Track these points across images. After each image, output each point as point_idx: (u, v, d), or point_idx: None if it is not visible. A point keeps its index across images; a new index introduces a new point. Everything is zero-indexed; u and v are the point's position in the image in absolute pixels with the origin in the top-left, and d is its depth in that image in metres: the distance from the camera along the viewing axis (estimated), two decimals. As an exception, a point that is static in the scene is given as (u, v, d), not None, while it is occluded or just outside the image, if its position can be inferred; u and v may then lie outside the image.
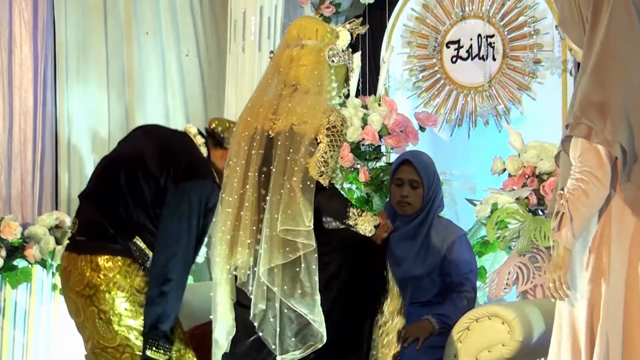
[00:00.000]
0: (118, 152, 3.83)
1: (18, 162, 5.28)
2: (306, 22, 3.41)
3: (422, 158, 4.16)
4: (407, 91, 5.40)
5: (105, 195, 3.61)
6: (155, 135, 3.82)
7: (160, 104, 5.77)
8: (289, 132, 3.20)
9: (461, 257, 3.99)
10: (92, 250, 3.55)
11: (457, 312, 3.84)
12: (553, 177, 4.43)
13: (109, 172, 3.68)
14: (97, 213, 3.60)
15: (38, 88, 5.37)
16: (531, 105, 5.08)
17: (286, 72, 3.30)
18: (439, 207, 4.12)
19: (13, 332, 4.95)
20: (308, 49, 3.32)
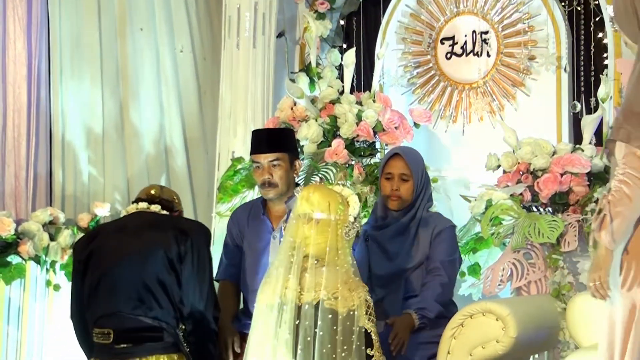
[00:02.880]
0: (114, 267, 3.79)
1: (12, 158, 5.27)
2: (317, 196, 3.45)
3: (411, 152, 4.20)
4: (401, 87, 5.40)
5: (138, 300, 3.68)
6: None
7: (155, 100, 5.76)
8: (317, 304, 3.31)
9: (443, 245, 4.02)
10: (139, 354, 3.65)
11: (434, 305, 3.85)
12: (547, 174, 4.44)
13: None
14: (136, 320, 3.67)
15: (32, 84, 5.36)
16: (525, 101, 5.08)
17: (303, 247, 3.39)
18: (428, 203, 4.14)
19: (7, 328, 4.94)
20: (323, 225, 3.40)
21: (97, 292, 3.76)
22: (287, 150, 4.25)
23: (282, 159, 4.20)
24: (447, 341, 3.79)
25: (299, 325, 3.32)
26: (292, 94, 5.07)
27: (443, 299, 3.91)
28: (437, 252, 4.01)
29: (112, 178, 5.61)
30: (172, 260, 3.70)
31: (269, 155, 4.20)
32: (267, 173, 4.19)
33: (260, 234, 4.28)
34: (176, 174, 5.74)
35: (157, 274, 3.68)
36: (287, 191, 4.24)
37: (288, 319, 3.33)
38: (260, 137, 4.30)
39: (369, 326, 3.34)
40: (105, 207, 5.27)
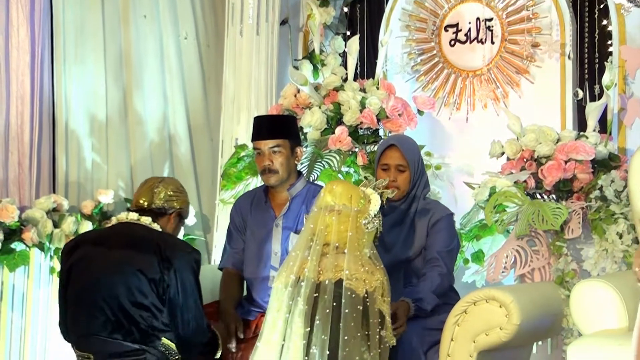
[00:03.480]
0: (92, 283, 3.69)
1: (15, 145, 5.27)
2: (340, 189, 3.61)
3: (407, 141, 4.17)
4: (405, 74, 5.39)
5: (116, 323, 3.59)
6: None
7: (158, 87, 5.75)
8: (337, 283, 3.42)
9: (441, 234, 4.00)
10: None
11: (432, 297, 3.83)
12: (551, 161, 4.43)
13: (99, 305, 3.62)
14: (116, 344, 3.59)
15: (35, 71, 5.35)
16: (529, 88, 5.07)
17: (324, 236, 3.52)
18: (425, 190, 4.12)
19: (11, 315, 4.95)
20: (344, 216, 3.54)
21: (76, 310, 3.68)
22: (288, 137, 4.24)
23: (283, 146, 4.20)
24: (450, 328, 3.79)
25: (317, 298, 3.41)
26: (295, 81, 5.07)
27: (441, 290, 3.90)
28: (434, 242, 3.99)
29: (116, 165, 5.61)
30: (154, 284, 3.60)
31: (269, 142, 4.20)
32: (268, 159, 4.19)
33: (263, 222, 4.28)
34: (180, 161, 5.74)
35: (136, 298, 3.58)
36: (289, 178, 4.24)
37: (304, 293, 3.41)
38: (261, 124, 4.29)
39: (384, 308, 3.42)
40: (109, 194, 5.27)
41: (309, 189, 4.29)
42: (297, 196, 4.26)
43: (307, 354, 3.37)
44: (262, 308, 4.22)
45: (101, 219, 5.20)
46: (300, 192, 4.26)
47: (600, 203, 4.25)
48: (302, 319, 3.40)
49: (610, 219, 4.16)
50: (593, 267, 4.17)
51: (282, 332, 3.45)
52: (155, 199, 3.84)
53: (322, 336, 3.37)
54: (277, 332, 3.46)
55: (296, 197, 4.26)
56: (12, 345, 4.93)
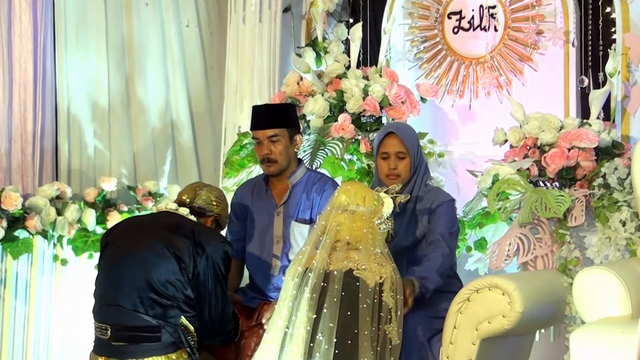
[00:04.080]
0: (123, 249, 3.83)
1: (18, 133, 5.27)
2: (354, 190, 3.69)
3: (405, 128, 4.17)
4: (408, 62, 5.38)
5: (141, 296, 3.68)
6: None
7: (161, 74, 5.75)
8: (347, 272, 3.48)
9: (443, 219, 3.98)
10: (137, 354, 3.65)
11: (435, 276, 3.81)
12: (554, 149, 4.42)
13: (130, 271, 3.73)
14: (134, 317, 3.67)
15: (38, 58, 5.35)
16: (533, 76, 5.06)
17: (335, 233, 3.59)
18: (425, 175, 4.11)
19: (14, 302, 4.96)
20: (358, 215, 3.61)
21: (106, 280, 3.80)
22: (286, 126, 4.24)
23: (281, 135, 4.20)
24: (453, 316, 3.79)
25: (326, 287, 3.45)
26: (298, 69, 5.06)
27: (444, 271, 3.89)
28: (436, 225, 3.98)
29: (118, 153, 5.61)
30: (184, 266, 3.70)
31: (267, 131, 4.20)
32: (267, 149, 4.20)
33: (264, 210, 4.29)
34: (182, 149, 5.74)
35: (165, 274, 3.68)
36: (289, 166, 4.25)
37: (312, 282, 3.46)
38: (259, 113, 4.30)
39: (391, 302, 3.44)
40: (112, 182, 5.28)
41: (309, 177, 4.29)
42: (298, 184, 4.26)
43: (313, 341, 3.38)
44: (265, 296, 4.24)
45: (104, 207, 5.20)
46: (300, 180, 4.27)
47: (603, 191, 4.25)
48: (307, 307, 3.42)
49: (613, 206, 4.16)
50: (596, 255, 4.17)
51: (286, 319, 3.47)
52: (197, 199, 3.99)
53: (330, 324, 3.38)
54: (281, 320, 3.48)
55: (296, 185, 4.26)
56: (15, 333, 4.94)
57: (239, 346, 4.10)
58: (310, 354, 3.38)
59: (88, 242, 5.08)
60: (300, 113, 5.03)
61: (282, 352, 3.44)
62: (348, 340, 3.38)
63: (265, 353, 3.50)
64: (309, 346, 3.39)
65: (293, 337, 3.42)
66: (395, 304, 3.46)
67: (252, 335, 4.10)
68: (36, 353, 4.99)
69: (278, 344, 3.47)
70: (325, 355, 3.35)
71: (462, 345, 3.74)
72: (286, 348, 3.43)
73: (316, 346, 3.38)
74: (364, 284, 3.46)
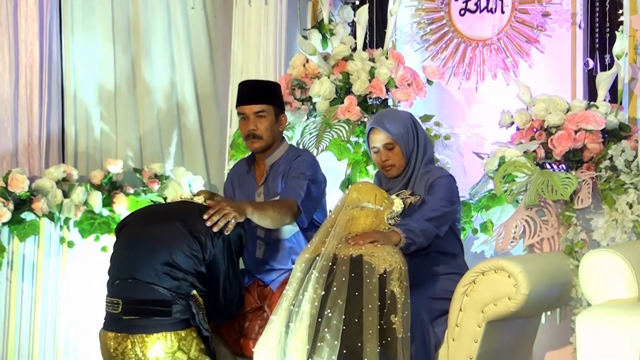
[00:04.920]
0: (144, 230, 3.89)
1: (25, 115, 5.26)
2: (366, 188, 3.80)
3: (387, 117, 4.08)
4: (414, 44, 5.36)
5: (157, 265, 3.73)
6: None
7: (166, 56, 5.73)
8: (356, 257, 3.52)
9: (437, 190, 3.90)
10: (147, 329, 3.68)
11: (423, 222, 3.75)
12: (561, 131, 4.42)
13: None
14: (147, 289, 3.71)
15: (44, 40, 5.33)
16: (540, 58, 5.05)
17: (345, 226, 3.68)
18: (425, 155, 4.05)
19: (21, 284, 4.97)
20: (367, 210, 3.72)
21: (119, 258, 3.85)
22: (273, 103, 4.23)
23: (268, 111, 4.19)
24: (459, 298, 3.80)
25: (335, 269, 3.49)
26: (304, 51, 5.05)
27: (434, 216, 3.80)
28: (431, 196, 3.90)
29: (125, 135, 5.61)
30: (200, 245, 3.76)
31: (254, 107, 4.19)
32: (253, 124, 4.18)
33: (246, 191, 4.29)
34: (188, 131, 5.74)
35: (181, 252, 3.73)
36: (272, 145, 4.24)
37: (320, 264, 3.51)
38: (246, 88, 4.28)
39: (397, 292, 3.46)
40: (118, 164, 5.27)
41: (288, 152, 4.27)
42: (276, 163, 4.24)
43: (321, 317, 3.39)
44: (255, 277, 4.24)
45: (110, 189, 5.20)
46: (279, 158, 4.25)
47: (610, 173, 4.24)
48: (316, 285, 3.44)
49: (620, 189, 4.15)
50: (602, 237, 4.17)
51: (292, 299, 3.49)
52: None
53: (339, 301, 3.40)
54: (287, 300, 3.50)
55: (275, 164, 4.24)
56: (22, 315, 4.96)
57: (243, 328, 4.12)
58: (317, 330, 3.39)
59: (94, 224, 5.08)
60: (307, 95, 5.02)
61: (288, 329, 3.46)
62: (355, 318, 3.39)
63: (270, 332, 3.51)
64: (317, 321, 3.40)
65: (299, 314, 3.44)
66: (402, 295, 3.47)
67: (257, 318, 4.11)
68: (43, 334, 5.01)
69: (283, 322, 3.48)
70: (335, 332, 3.37)
71: (467, 328, 3.75)
72: (292, 324, 3.45)
73: (324, 321, 3.39)
74: (372, 268, 3.48)
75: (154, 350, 3.66)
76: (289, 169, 4.18)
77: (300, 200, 4.03)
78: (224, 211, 3.77)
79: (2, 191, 4.87)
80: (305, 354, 3.38)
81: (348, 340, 3.38)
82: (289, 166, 4.18)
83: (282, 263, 4.18)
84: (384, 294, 3.46)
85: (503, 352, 3.94)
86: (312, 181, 4.13)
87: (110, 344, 3.72)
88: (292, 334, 3.44)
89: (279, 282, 4.15)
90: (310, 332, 3.40)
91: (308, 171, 4.14)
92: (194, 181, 5.43)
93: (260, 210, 3.90)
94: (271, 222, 3.96)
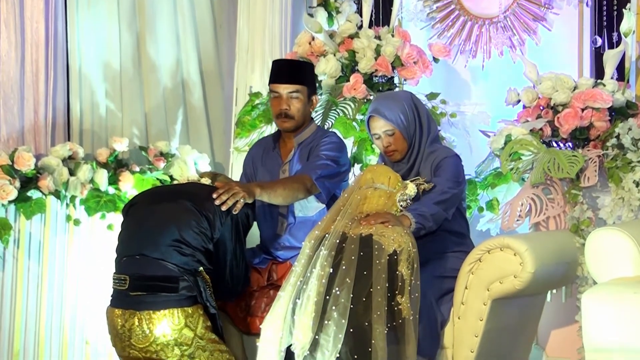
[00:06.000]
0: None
1: (30, 93, 5.26)
2: (380, 170, 3.87)
3: (384, 104, 4.02)
4: (420, 22, 5.33)
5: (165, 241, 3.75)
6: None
7: (172, 33, 5.71)
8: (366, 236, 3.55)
9: (444, 170, 3.89)
10: (153, 306, 3.69)
11: (432, 206, 3.76)
12: (568, 109, 4.40)
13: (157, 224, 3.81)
14: (155, 265, 3.72)
15: (49, 18, 5.32)
16: (547, 36, 5.02)
17: (357, 205, 3.72)
18: (429, 135, 4.02)
19: (28, 262, 4.99)
20: (380, 191, 3.76)
21: (128, 235, 3.87)
22: (307, 84, 4.23)
23: (301, 92, 4.19)
24: (464, 276, 3.80)
25: (344, 247, 3.50)
26: (310, 29, 5.03)
27: (443, 199, 3.80)
28: (438, 177, 3.89)
29: (130, 112, 5.60)
30: (208, 223, 3.78)
31: (288, 86, 4.18)
32: (285, 104, 4.18)
33: (271, 168, 4.30)
34: (193, 108, 5.73)
35: (190, 228, 3.76)
36: (302, 125, 4.24)
37: (329, 242, 3.53)
38: (281, 67, 4.27)
39: (406, 273, 3.47)
40: (124, 142, 5.27)
41: (316, 133, 4.27)
42: (304, 143, 4.25)
43: (329, 294, 3.40)
44: (273, 256, 4.25)
45: (116, 167, 5.21)
46: (307, 138, 4.26)
47: (617, 151, 4.23)
48: (324, 263, 3.45)
49: (627, 167, 4.14)
50: (609, 216, 4.16)
51: (299, 275, 3.50)
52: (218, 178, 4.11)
53: (347, 279, 3.41)
54: (294, 277, 3.51)
55: (303, 143, 4.25)
56: (29, 293, 4.98)
57: (250, 306, 4.13)
58: (325, 307, 3.40)
59: (100, 202, 5.09)
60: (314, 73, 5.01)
61: (295, 306, 3.46)
62: (363, 297, 3.40)
63: (277, 308, 3.52)
64: (324, 299, 3.41)
65: (306, 291, 3.45)
66: (409, 276, 3.47)
67: (263, 296, 4.12)
68: (49, 312, 5.03)
69: (290, 297, 3.49)
70: (342, 310, 3.37)
71: (473, 306, 3.76)
72: (298, 301, 3.46)
73: (332, 299, 3.40)
74: (381, 248, 3.48)
75: (161, 326, 3.67)
76: (315, 147, 4.18)
77: (315, 177, 4.03)
78: (232, 191, 3.78)
79: (8, 169, 4.88)
80: (312, 331, 3.39)
81: (355, 319, 3.39)
82: (316, 145, 4.19)
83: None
84: (393, 274, 3.46)
85: (508, 330, 3.94)
86: (334, 162, 4.14)
87: (117, 320, 3.74)
88: (299, 311, 3.45)
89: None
90: (317, 309, 3.41)
91: (331, 152, 4.15)
92: (200, 159, 5.43)
93: (269, 189, 3.91)
94: (283, 200, 3.99)
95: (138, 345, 3.70)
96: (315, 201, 4.17)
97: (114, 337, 3.80)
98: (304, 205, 4.19)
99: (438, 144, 4.10)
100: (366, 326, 3.37)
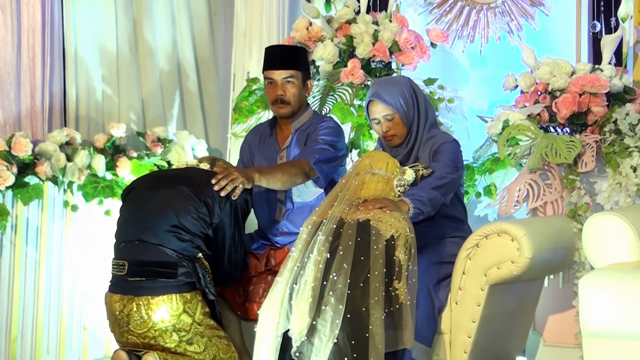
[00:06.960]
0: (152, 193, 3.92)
1: (27, 78, 5.24)
2: (378, 156, 3.90)
3: (384, 88, 4.01)
4: (418, 7, 5.32)
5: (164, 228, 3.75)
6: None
7: (168, 17, 5.68)
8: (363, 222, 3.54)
9: (442, 155, 3.88)
10: (152, 291, 3.69)
11: (430, 191, 3.75)
12: (566, 94, 4.40)
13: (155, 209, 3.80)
14: (154, 251, 3.73)
15: (46, 3, 5.29)
16: (545, 21, 5.01)
17: (355, 190, 3.73)
18: (427, 120, 4.01)
19: (25, 248, 4.98)
20: (378, 177, 3.78)
21: (126, 220, 3.88)
22: (301, 69, 4.23)
23: (296, 77, 4.19)
24: (462, 262, 3.80)
25: (341, 232, 3.50)
26: (307, 14, 5.02)
27: (441, 184, 3.80)
28: (436, 163, 3.88)
29: (127, 97, 5.58)
30: (207, 209, 3.79)
31: (282, 72, 4.18)
32: (281, 90, 4.18)
33: (268, 154, 4.29)
34: (189, 93, 5.72)
35: (188, 214, 3.76)
36: (299, 110, 4.24)
37: (326, 227, 3.52)
38: (275, 53, 4.27)
39: (403, 258, 3.48)
40: (121, 128, 5.26)
41: (313, 119, 4.27)
42: (301, 128, 4.25)
43: (326, 280, 3.40)
44: (271, 241, 4.26)
45: (114, 153, 5.20)
46: (304, 124, 4.26)
47: (614, 136, 4.22)
48: (321, 248, 3.45)
49: (624, 152, 4.14)
50: (606, 201, 4.16)
51: (296, 260, 3.50)
52: (217, 162, 4.10)
53: (344, 265, 3.41)
54: (292, 262, 3.51)
55: (300, 129, 4.25)
56: (27, 279, 4.97)
57: (248, 292, 4.14)
58: (322, 293, 3.40)
59: (98, 188, 5.09)
60: (310, 59, 4.99)
61: (292, 291, 3.46)
62: (360, 283, 3.40)
63: (274, 293, 3.52)
64: (322, 284, 3.41)
65: (304, 276, 3.45)
66: (407, 262, 3.48)
67: (261, 282, 4.13)
68: (47, 298, 5.03)
69: (287, 282, 3.49)
70: (340, 296, 3.38)
71: (470, 291, 3.76)
72: (295, 286, 3.46)
73: (329, 285, 3.40)
74: (378, 233, 3.49)
75: (159, 312, 3.68)
76: (312, 132, 4.18)
77: (314, 161, 4.04)
78: (231, 176, 3.78)
79: (5, 155, 4.86)
80: (309, 316, 3.39)
81: (353, 304, 3.39)
82: (313, 130, 4.19)
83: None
84: (390, 260, 3.47)
85: (506, 316, 3.95)
86: (332, 146, 4.14)
87: (115, 306, 3.74)
88: (296, 296, 3.45)
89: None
90: (314, 295, 3.41)
91: (329, 137, 4.15)
92: (197, 144, 5.42)
93: (267, 175, 3.91)
94: (281, 185, 4.00)
95: (136, 330, 3.71)
96: (313, 186, 4.18)
97: (112, 323, 3.80)
98: (302, 190, 4.20)
99: (437, 130, 4.09)
100: (363, 311, 3.38)
